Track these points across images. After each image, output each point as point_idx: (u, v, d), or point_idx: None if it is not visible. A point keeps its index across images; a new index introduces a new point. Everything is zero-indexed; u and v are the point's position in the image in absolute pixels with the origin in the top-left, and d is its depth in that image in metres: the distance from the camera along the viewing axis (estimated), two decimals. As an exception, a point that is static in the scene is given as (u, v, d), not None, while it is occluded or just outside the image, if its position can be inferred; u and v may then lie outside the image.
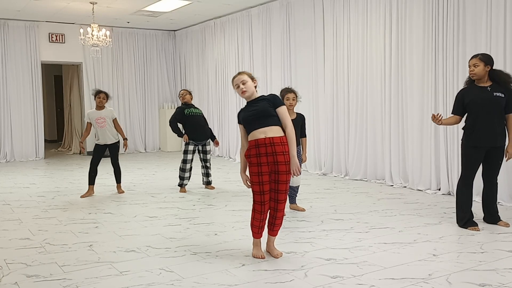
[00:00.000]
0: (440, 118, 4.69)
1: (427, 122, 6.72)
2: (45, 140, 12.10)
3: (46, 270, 3.75)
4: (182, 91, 7.21)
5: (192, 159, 6.98)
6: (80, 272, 3.70)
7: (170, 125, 6.99)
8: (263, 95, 4.00)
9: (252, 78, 3.98)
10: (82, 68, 11.87)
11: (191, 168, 7.04)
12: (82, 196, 6.68)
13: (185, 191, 6.99)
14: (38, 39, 11.22)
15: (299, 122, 5.44)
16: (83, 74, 11.88)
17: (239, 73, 3.98)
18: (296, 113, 5.50)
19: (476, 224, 4.77)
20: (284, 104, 3.97)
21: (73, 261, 3.95)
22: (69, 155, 12.31)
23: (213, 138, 7.20)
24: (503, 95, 4.66)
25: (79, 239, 4.61)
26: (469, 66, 4.73)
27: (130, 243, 4.45)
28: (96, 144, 6.82)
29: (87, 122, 6.75)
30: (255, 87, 4.00)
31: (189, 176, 7.06)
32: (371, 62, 7.54)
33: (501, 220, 4.88)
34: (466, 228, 4.74)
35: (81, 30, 9.80)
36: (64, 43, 11.56)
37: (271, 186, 3.87)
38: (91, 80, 11.91)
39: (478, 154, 4.72)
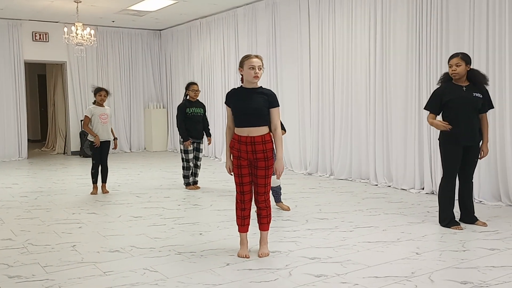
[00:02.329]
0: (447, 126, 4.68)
1: (410, 122, 6.79)
2: (28, 140, 11.98)
3: (28, 270, 3.71)
4: (196, 86, 7.07)
5: (193, 157, 7.09)
6: (63, 272, 3.67)
7: (178, 128, 7.01)
8: (261, 87, 3.98)
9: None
10: (66, 67, 11.76)
11: (192, 165, 7.15)
12: (92, 193, 6.82)
13: (198, 188, 7.17)
14: (21, 38, 11.10)
15: None
16: (67, 74, 11.77)
17: (257, 56, 3.94)
18: None
19: (459, 223, 4.83)
20: (279, 105, 3.98)
21: (56, 262, 3.91)
22: (53, 155, 12.19)
23: (208, 134, 7.22)
24: (481, 96, 4.74)
25: (62, 240, 4.56)
26: (450, 66, 4.74)
27: (114, 243, 4.42)
28: (91, 142, 6.77)
29: (86, 116, 6.73)
30: None
31: (192, 173, 7.22)
32: (355, 62, 7.58)
33: (478, 220, 4.93)
34: (450, 227, 4.79)
35: (65, 29, 9.72)
36: (48, 42, 11.45)
37: (252, 179, 3.98)
38: (75, 80, 11.81)
39: (458, 152, 4.76)
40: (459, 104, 4.69)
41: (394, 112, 7.02)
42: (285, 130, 5.51)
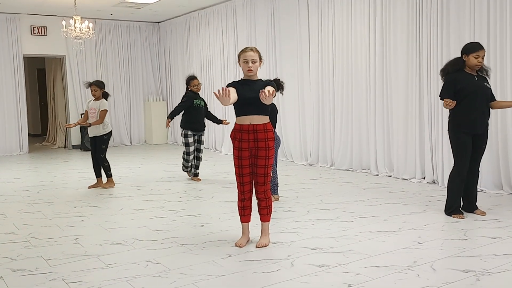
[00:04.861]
0: (451, 104, 4.60)
1: (411, 112, 6.78)
2: (29, 134, 11.97)
3: (32, 264, 3.73)
4: (197, 81, 7.12)
5: (194, 150, 7.13)
6: (66, 265, 3.68)
7: (175, 109, 7.09)
8: (261, 80, 4.00)
9: (260, 59, 3.97)
10: (65, 61, 11.73)
11: (193, 157, 7.20)
12: (89, 187, 6.82)
13: (199, 180, 7.23)
14: (20, 32, 11.06)
15: None
16: (67, 67, 11.75)
17: (252, 49, 3.93)
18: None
19: (461, 212, 4.83)
20: (274, 87, 3.90)
21: (59, 255, 3.92)
22: (54, 149, 12.19)
23: (219, 122, 7.25)
24: (489, 86, 4.77)
25: (65, 233, 4.58)
26: (477, 56, 4.61)
27: (116, 236, 4.43)
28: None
29: (85, 110, 6.85)
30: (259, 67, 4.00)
31: (193, 165, 7.28)
32: (356, 52, 7.55)
33: (477, 208, 4.93)
34: (451, 215, 4.80)
35: (64, 23, 9.67)
36: (47, 35, 11.41)
37: (252, 169, 3.99)
38: (74, 73, 11.78)
39: (469, 141, 4.73)
40: (472, 92, 4.64)
41: (394, 102, 7.01)
42: (275, 126, 5.46)
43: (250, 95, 3.84)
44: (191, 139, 7.05)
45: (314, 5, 8.18)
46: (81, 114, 11.74)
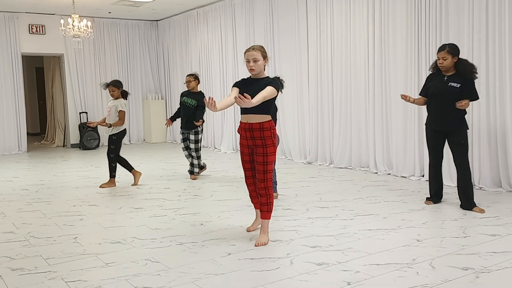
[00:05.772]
0: (408, 99, 5.01)
1: (410, 110, 6.78)
2: (28, 133, 11.96)
3: (31, 263, 3.72)
4: (187, 77, 7.16)
5: (187, 146, 7.20)
6: (65, 264, 3.68)
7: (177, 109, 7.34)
8: (268, 77, 4.04)
9: (265, 57, 3.99)
10: (64, 60, 11.70)
11: (189, 154, 7.24)
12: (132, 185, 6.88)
13: (195, 178, 7.24)
14: (18, 31, 11.03)
15: None
16: (65, 66, 11.72)
17: (254, 48, 3.95)
18: None
19: (431, 201, 5.27)
20: (277, 89, 3.87)
21: (58, 254, 3.92)
22: (53, 148, 12.17)
23: (197, 120, 6.87)
24: (458, 85, 4.84)
25: (64, 232, 4.57)
26: (438, 58, 4.93)
27: (116, 235, 4.43)
28: None
29: None
30: (265, 65, 4.03)
31: (192, 162, 7.27)
32: (354, 50, 7.55)
33: (476, 206, 4.95)
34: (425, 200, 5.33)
35: (62, 21, 9.65)
36: (45, 34, 11.38)
37: (253, 166, 4.12)
38: (73, 72, 11.75)
39: (434, 137, 5.08)
40: (434, 92, 5.00)
41: (393, 99, 7.01)
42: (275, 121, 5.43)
43: (248, 93, 3.80)
44: (181, 136, 7.25)
45: (313, 3, 8.17)
46: (80, 113, 11.75)
